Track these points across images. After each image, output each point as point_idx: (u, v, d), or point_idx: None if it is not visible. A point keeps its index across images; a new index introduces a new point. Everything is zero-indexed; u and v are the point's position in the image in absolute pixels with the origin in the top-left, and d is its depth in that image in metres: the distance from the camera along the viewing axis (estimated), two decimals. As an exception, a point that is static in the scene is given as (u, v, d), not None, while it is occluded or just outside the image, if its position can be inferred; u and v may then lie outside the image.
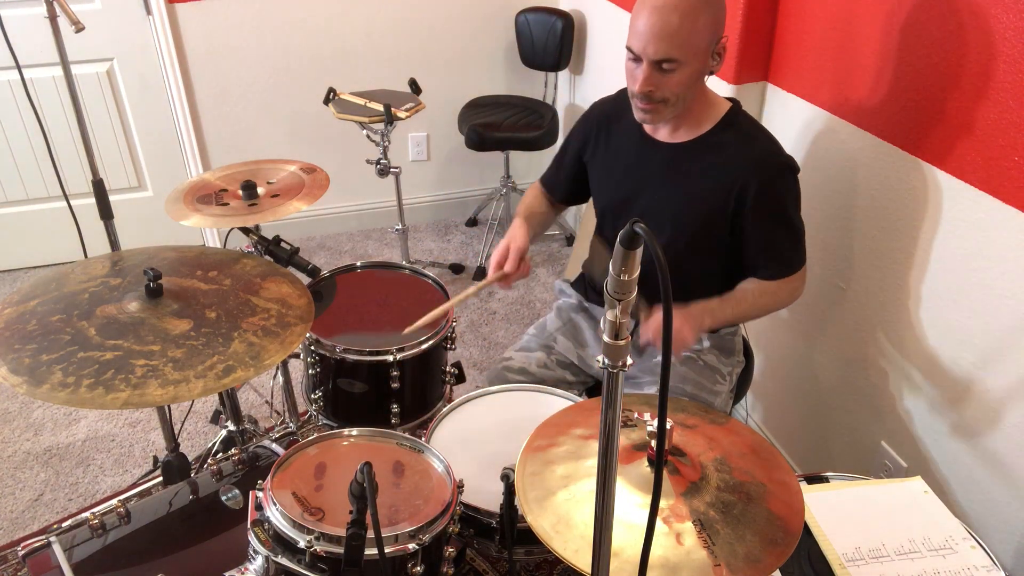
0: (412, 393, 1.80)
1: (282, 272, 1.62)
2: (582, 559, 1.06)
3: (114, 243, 1.97)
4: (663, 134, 1.68)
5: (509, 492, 1.33)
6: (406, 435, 1.45)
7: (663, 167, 1.68)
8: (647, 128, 1.70)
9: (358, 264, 2.04)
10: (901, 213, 1.77)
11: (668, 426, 1.17)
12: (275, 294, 1.53)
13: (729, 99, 1.68)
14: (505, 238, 1.77)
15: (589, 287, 1.93)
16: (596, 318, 1.91)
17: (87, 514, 1.45)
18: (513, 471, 1.27)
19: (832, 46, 1.90)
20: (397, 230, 3.23)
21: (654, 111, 1.57)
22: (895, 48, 1.71)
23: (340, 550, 1.17)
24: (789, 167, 1.63)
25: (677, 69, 1.49)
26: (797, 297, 1.73)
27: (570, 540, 1.09)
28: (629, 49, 1.52)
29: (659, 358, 1.80)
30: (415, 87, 3.06)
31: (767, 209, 1.62)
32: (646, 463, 1.18)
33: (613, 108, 1.78)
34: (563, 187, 1.92)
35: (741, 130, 1.64)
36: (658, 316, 1.59)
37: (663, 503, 1.12)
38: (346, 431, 1.45)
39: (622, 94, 1.77)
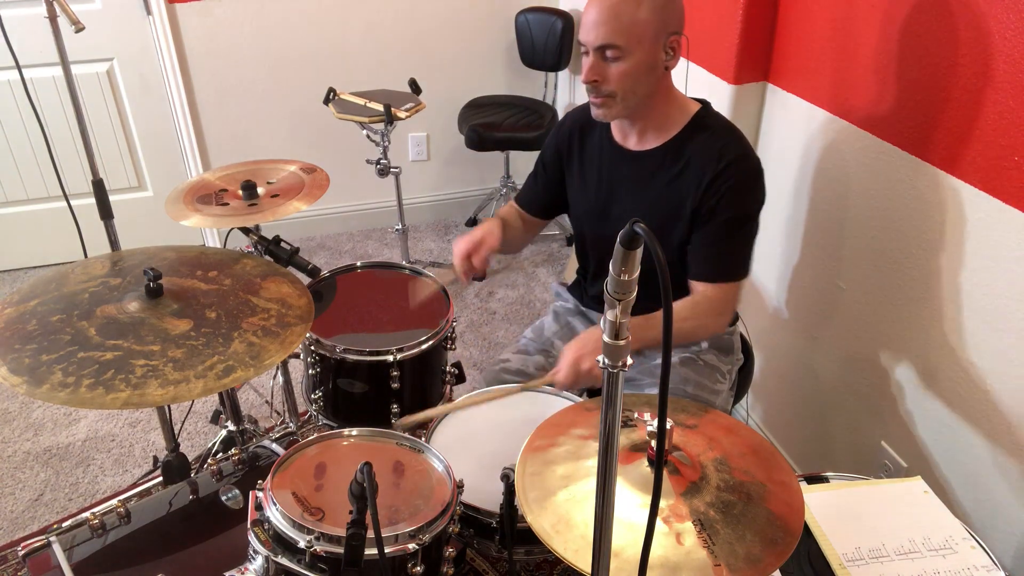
0: (412, 393, 1.80)
1: (282, 272, 1.62)
2: (582, 559, 1.06)
3: (114, 243, 1.97)
4: (632, 142, 1.67)
5: (509, 492, 1.33)
6: (406, 435, 1.45)
7: (631, 176, 1.67)
8: (616, 137, 1.69)
9: (358, 264, 2.04)
10: (901, 213, 1.77)
11: (668, 426, 1.17)
12: (275, 294, 1.53)
13: (699, 100, 1.66)
14: (478, 230, 1.71)
15: (585, 292, 1.93)
16: (593, 321, 1.91)
17: (87, 514, 1.45)
18: (513, 471, 1.27)
19: (832, 46, 1.90)
20: (397, 230, 3.23)
21: (603, 105, 1.57)
22: (895, 48, 1.71)
23: (340, 550, 1.17)
24: (755, 171, 1.59)
25: (621, 58, 1.49)
26: (725, 316, 1.67)
27: (570, 540, 1.09)
28: (579, 42, 1.54)
29: (659, 360, 1.79)
30: (415, 87, 3.06)
31: (722, 211, 1.57)
32: (646, 463, 1.18)
33: (583, 117, 1.76)
34: (541, 200, 1.88)
35: (706, 133, 1.60)
36: (568, 356, 1.52)
37: (663, 503, 1.12)
38: (346, 431, 1.45)
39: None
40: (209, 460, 1.65)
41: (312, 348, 1.77)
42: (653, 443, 1.18)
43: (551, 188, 1.85)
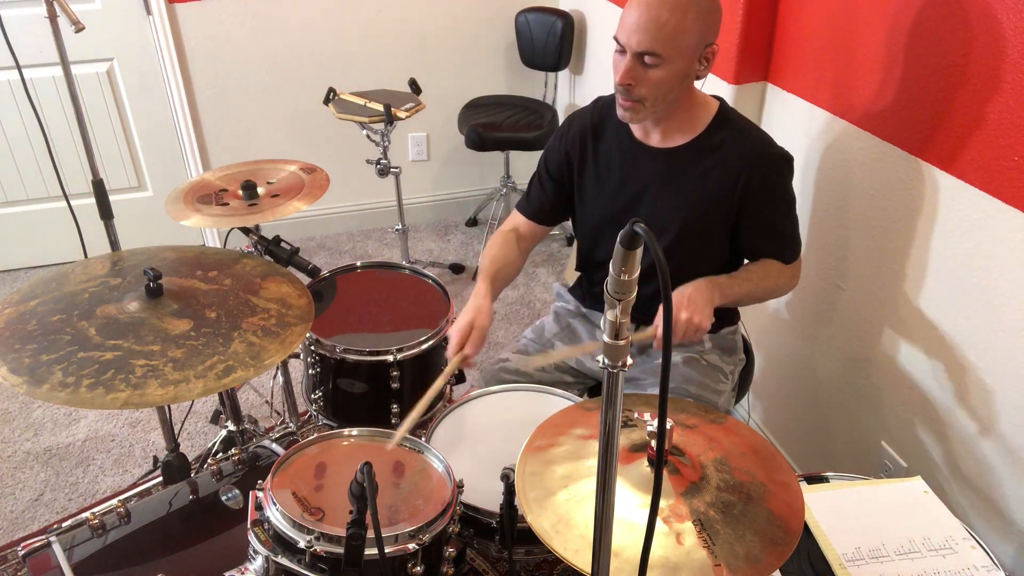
0: (412, 393, 1.79)
1: (282, 272, 1.62)
2: (582, 559, 1.06)
3: (114, 243, 1.97)
4: (656, 139, 1.66)
5: (509, 492, 1.33)
6: (406, 435, 1.45)
7: (661, 173, 1.66)
8: (637, 134, 1.67)
9: (358, 264, 2.04)
10: (901, 213, 1.77)
11: (668, 426, 1.17)
12: (275, 294, 1.53)
13: (714, 97, 1.68)
14: (467, 312, 1.64)
15: (587, 292, 1.92)
16: (594, 322, 1.91)
17: (87, 514, 1.45)
18: (513, 471, 1.27)
19: (832, 46, 1.90)
20: (397, 230, 3.23)
21: (631, 108, 1.56)
22: (895, 48, 1.71)
23: (340, 550, 1.17)
24: (785, 158, 1.64)
25: (660, 65, 1.49)
26: (794, 286, 1.76)
27: (570, 540, 1.09)
28: (616, 40, 1.52)
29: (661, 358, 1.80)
30: (415, 87, 3.06)
31: (770, 200, 1.63)
32: (646, 463, 1.18)
33: (593, 118, 1.73)
34: (550, 207, 1.82)
35: (734, 128, 1.63)
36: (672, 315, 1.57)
37: (663, 503, 1.12)
38: (346, 431, 1.45)
39: (598, 103, 1.75)
40: (209, 460, 1.65)
41: (312, 348, 1.77)
42: (653, 443, 1.18)
43: (559, 194, 1.80)
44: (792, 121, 2.09)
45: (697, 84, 1.61)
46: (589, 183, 1.76)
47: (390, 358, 1.72)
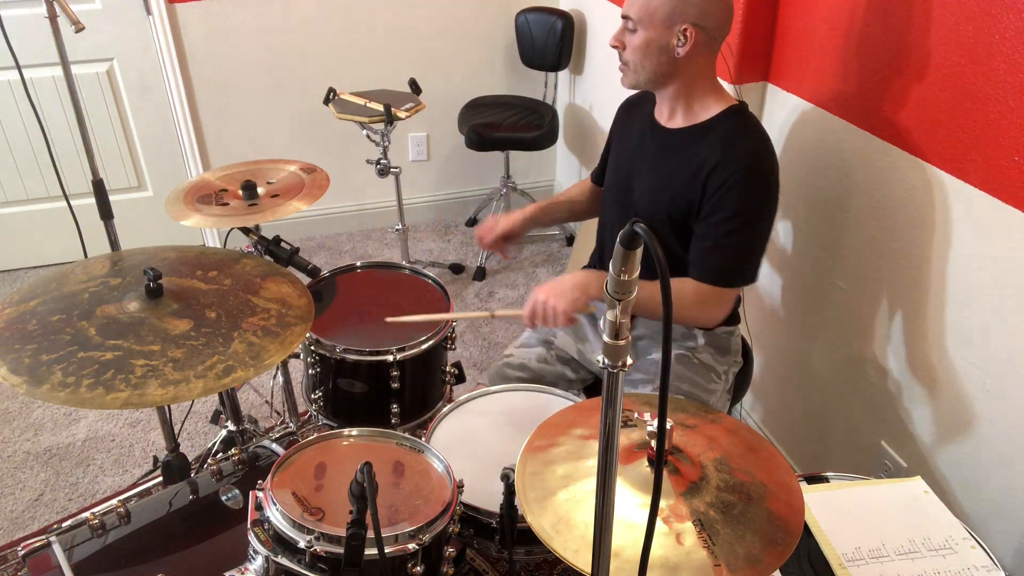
0: (412, 393, 1.80)
1: (282, 272, 1.62)
2: (582, 559, 1.06)
3: (114, 243, 1.97)
4: (663, 118, 1.71)
5: (509, 492, 1.33)
6: (406, 435, 1.45)
7: (652, 151, 1.72)
8: (655, 111, 1.74)
9: (358, 264, 2.04)
10: (901, 213, 1.77)
11: (668, 426, 1.17)
12: (275, 294, 1.53)
13: (739, 101, 1.68)
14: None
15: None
16: (597, 311, 1.91)
17: (87, 514, 1.45)
18: (513, 471, 1.27)
19: (832, 46, 1.90)
20: (397, 230, 3.23)
21: (622, 71, 1.67)
22: (896, 48, 1.71)
23: (340, 550, 1.17)
24: (760, 172, 1.56)
25: (636, 31, 1.59)
26: (709, 319, 1.67)
27: (570, 540, 1.09)
28: None
29: (653, 356, 1.80)
30: (415, 87, 3.06)
31: (721, 207, 1.57)
32: (646, 463, 1.18)
33: (640, 94, 1.84)
34: (600, 171, 1.97)
35: (732, 127, 1.62)
36: (535, 293, 1.59)
37: (663, 503, 1.12)
38: (346, 431, 1.45)
39: None
40: (209, 460, 1.65)
41: (312, 348, 1.77)
42: (653, 443, 1.18)
43: (605, 159, 1.94)
44: (793, 121, 2.09)
45: (726, 79, 1.63)
46: (614, 150, 1.87)
47: (390, 358, 1.72)
